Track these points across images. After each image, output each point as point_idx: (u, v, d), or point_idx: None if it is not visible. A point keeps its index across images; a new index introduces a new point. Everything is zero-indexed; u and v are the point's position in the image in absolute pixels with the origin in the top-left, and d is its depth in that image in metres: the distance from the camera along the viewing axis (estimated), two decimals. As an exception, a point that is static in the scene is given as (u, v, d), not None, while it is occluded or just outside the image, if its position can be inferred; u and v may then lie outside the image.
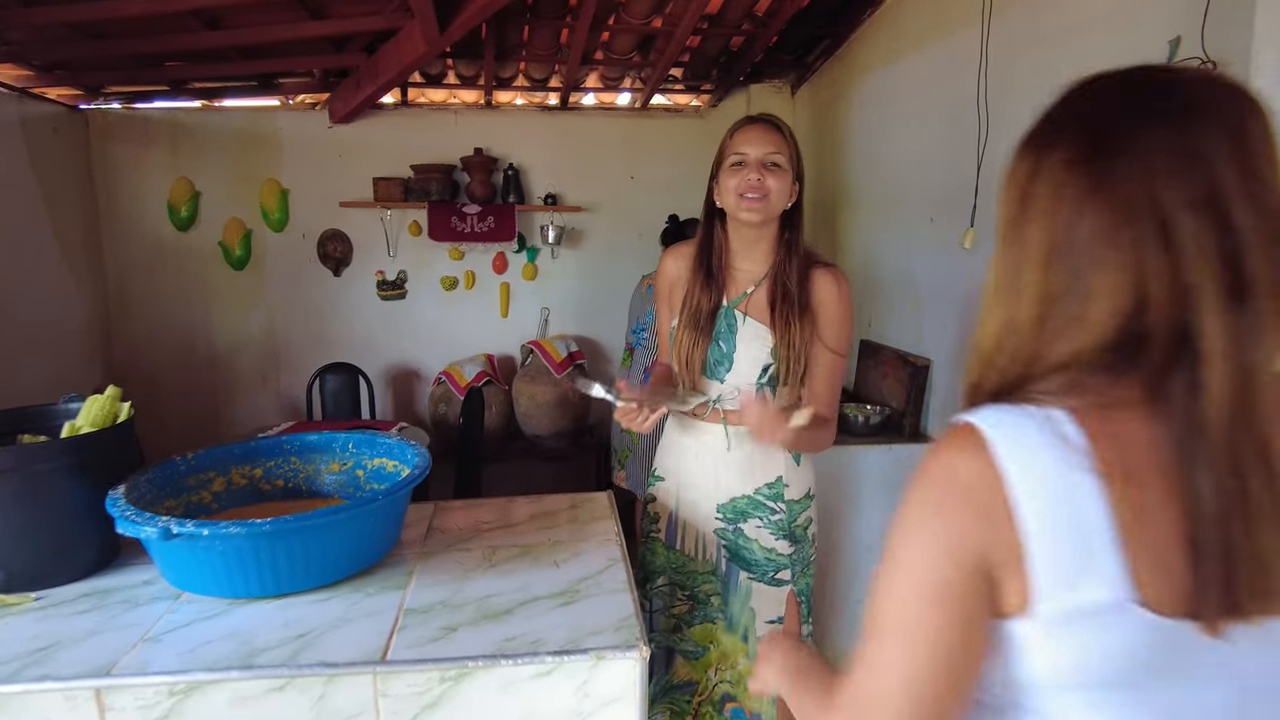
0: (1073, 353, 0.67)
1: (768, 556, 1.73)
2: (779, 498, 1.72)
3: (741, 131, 1.66)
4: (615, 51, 3.84)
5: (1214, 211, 0.62)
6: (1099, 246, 0.65)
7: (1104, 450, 0.64)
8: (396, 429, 3.47)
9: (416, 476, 1.45)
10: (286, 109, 4.26)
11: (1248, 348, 0.62)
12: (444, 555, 1.52)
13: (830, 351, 1.67)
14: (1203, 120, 0.64)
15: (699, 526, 1.77)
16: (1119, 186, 0.64)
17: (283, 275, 4.32)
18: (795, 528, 1.74)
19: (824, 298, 1.66)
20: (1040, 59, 2.25)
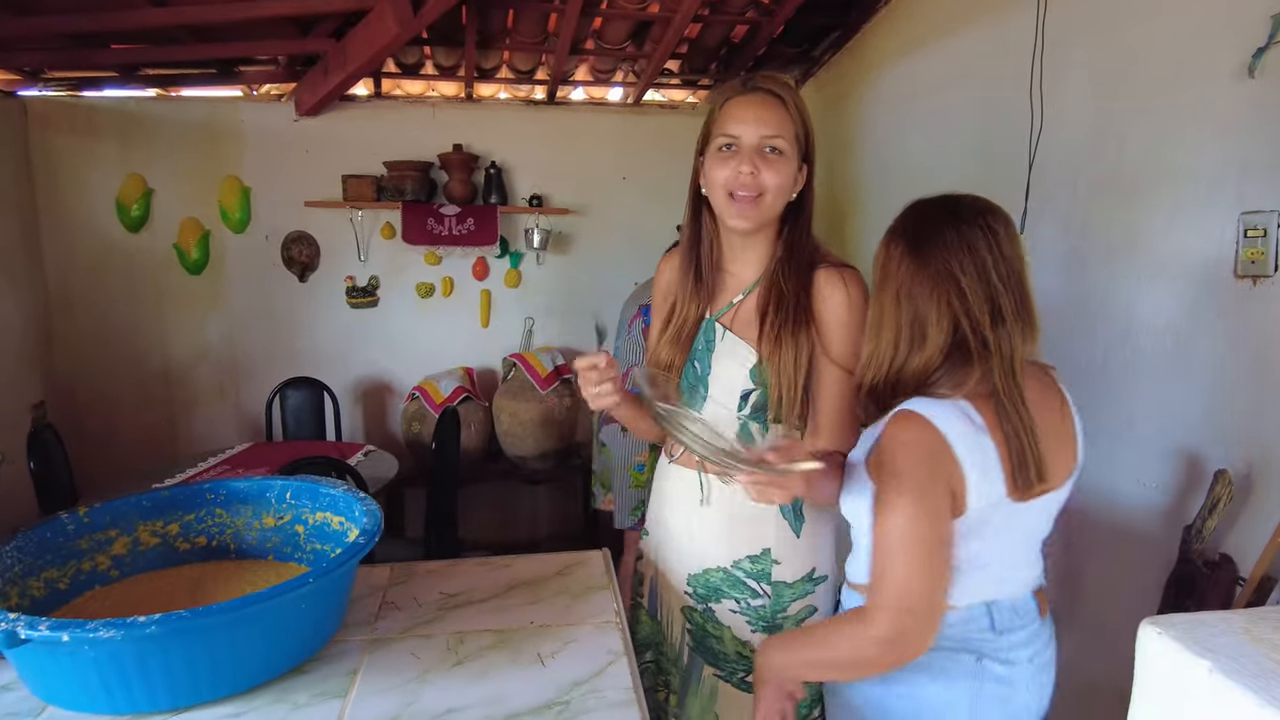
0: (924, 362, 1.12)
1: (739, 652, 1.34)
2: (764, 577, 1.34)
3: (733, 105, 1.27)
4: (607, 41, 3.53)
5: (982, 275, 1.11)
6: (926, 300, 1.12)
7: (987, 420, 1.09)
8: (363, 452, 3.14)
9: (359, 548, 1.13)
10: (250, 100, 3.92)
11: (1008, 346, 1.10)
12: (399, 643, 1.20)
13: (836, 366, 1.29)
14: (971, 223, 1.13)
15: (670, 600, 1.42)
16: (931, 265, 1.12)
17: (244, 280, 3.97)
18: (784, 619, 1.34)
19: (828, 304, 1.29)
20: (1101, 39, 1.96)
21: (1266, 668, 0.98)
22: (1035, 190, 2.17)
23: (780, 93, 1.28)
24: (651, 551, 1.49)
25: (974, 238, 1.11)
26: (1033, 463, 1.07)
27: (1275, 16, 1.53)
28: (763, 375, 1.29)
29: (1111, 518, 2.03)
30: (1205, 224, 1.73)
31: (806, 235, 1.34)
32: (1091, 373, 2.08)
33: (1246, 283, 1.65)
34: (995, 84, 2.34)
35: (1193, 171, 1.76)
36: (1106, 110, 1.99)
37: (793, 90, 1.29)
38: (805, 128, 1.30)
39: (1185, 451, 1.81)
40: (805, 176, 1.32)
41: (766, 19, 3.28)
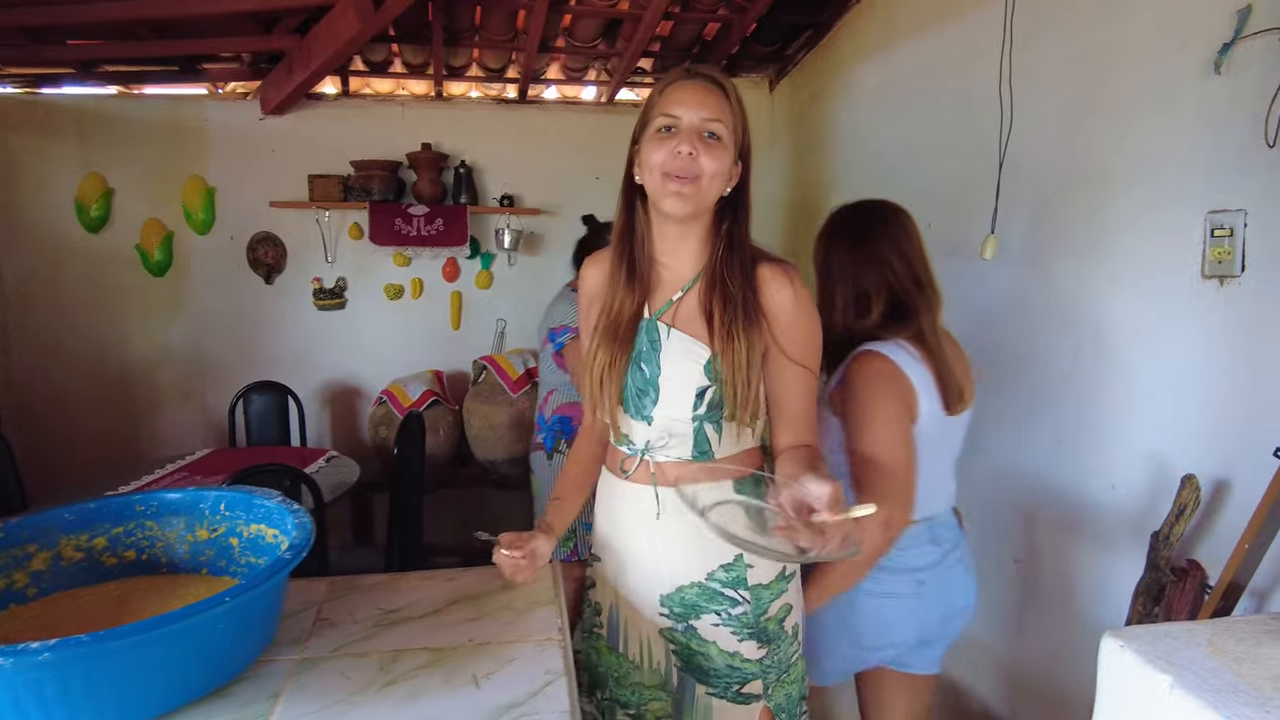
0: (869, 324, 1.52)
1: (730, 664, 1.30)
2: (741, 584, 1.29)
3: (674, 88, 1.22)
4: (578, 38, 3.48)
5: (904, 258, 1.53)
6: (866, 278, 1.53)
7: (922, 354, 1.48)
8: (324, 458, 3.07)
9: (282, 564, 1.07)
10: (214, 98, 3.83)
11: (928, 305, 1.52)
12: (328, 663, 1.14)
13: (798, 365, 1.26)
14: (894, 222, 1.57)
15: (642, 626, 1.35)
16: (869, 252, 1.54)
17: (208, 282, 3.88)
18: (766, 621, 1.31)
19: (777, 301, 1.25)
20: (1070, 36, 1.93)
21: (1228, 682, 0.94)
22: (1006, 188, 2.14)
23: (722, 82, 1.24)
24: (609, 578, 1.41)
25: (897, 232, 1.55)
26: (954, 386, 1.48)
27: (1240, 12, 1.49)
28: (717, 371, 1.24)
29: (1081, 522, 2.00)
30: (1173, 223, 1.70)
31: (746, 230, 1.30)
32: (1061, 373, 2.05)
33: (1214, 283, 1.62)
34: (966, 82, 2.31)
35: (1160, 170, 1.73)
36: (1076, 108, 1.96)
37: (733, 84, 1.26)
38: (743, 121, 1.26)
39: (1154, 455, 1.78)
40: (740, 171, 1.28)
41: (739, 16, 3.24)
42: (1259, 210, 1.51)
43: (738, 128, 1.24)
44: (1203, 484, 1.61)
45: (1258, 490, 1.45)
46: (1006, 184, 2.12)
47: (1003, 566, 2.29)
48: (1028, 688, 2.21)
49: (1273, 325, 1.49)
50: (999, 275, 2.23)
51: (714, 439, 1.27)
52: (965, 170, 2.31)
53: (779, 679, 1.32)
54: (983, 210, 2.15)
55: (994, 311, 2.28)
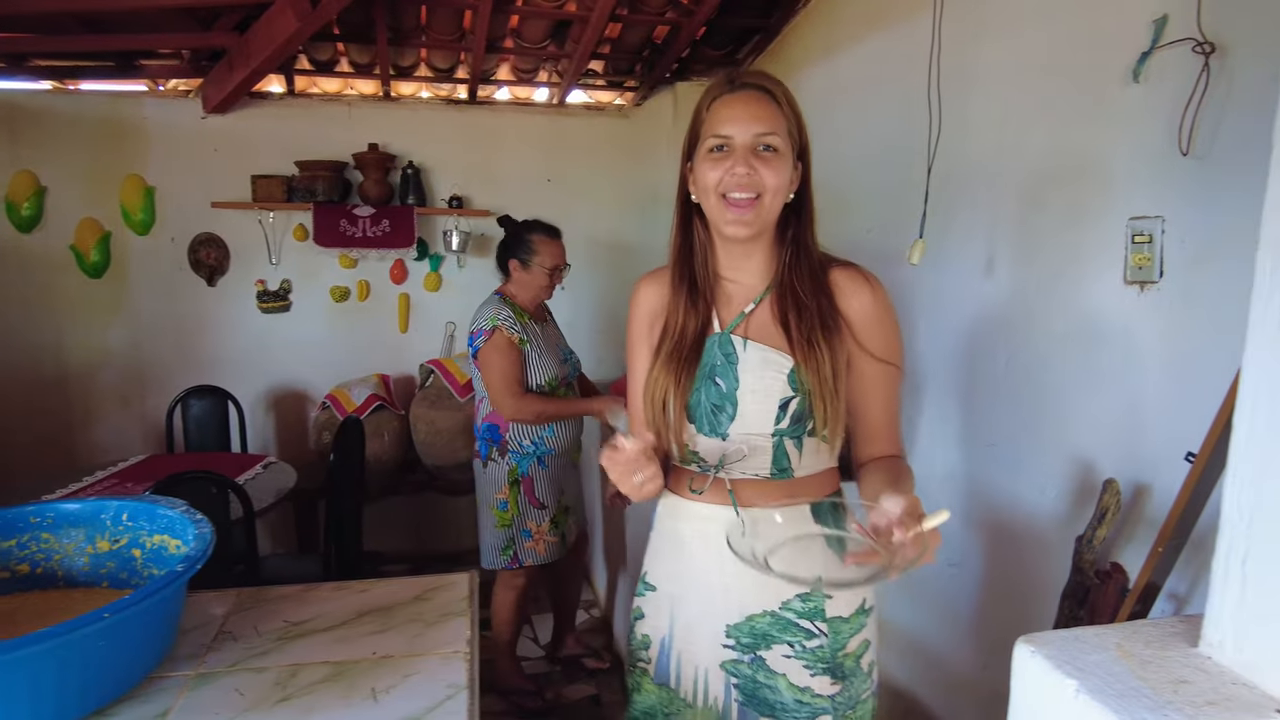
0: None
1: (799, 699, 1.21)
2: (818, 615, 1.21)
3: (720, 104, 1.17)
4: (527, 39, 3.45)
5: None
6: None
7: None
8: (262, 464, 3.00)
9: (172, 578, 1.02)
10: (155, 95, 3.74)
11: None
12: (224, 678, 1.10)
13: (880, 362, 1.21)
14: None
15: (700, 658, 1.27)
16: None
17: (148, 284, 3.78)
18: (844, 657, 1.22)
19: (855, 304, 1.21)
20: (998, 43, 1.95)
21: (1131, 686, 0.94)
22: (942, 193, 2.15)
23: (770, 87, 1.18)
24: (663, 608, 1.32)
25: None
26: None
27: (1156, 21, 1.51)
28: (802, 381, 1.18)
29: (1014, 526, 2.01)
30: (1097, 229, 1.72)
31: (811, 235, 1.25)
32: (995, 377, 2.06)
33: (1135, 289, 1.63)
34: (900, 87, 2.32)
35: (1085, 176, 1.75)
36: (1005, 114, 1.98)
37: (781, 84, 1.20)
38: (798, 122, 1.20)
39: (1080, 459, 1.80)
40: (800, 174, 1.22)
41: (687, 19, 3.23)
42: (1176, 217, 1.52)
43: (792, 131, 1.18)
44: (1125, 488, 1.63)
45: (1175, 494, 1.47)
46: (942, 189, 2.13)
47: (939, 570, 2.30)
48: (966, 690, 2.22)
49: (1188, 331, 1.51)
50: (931, 280, 2.25)
51: (794, 456, 1.21)
52: (899, 176, 2.32)
53: (843, 715, 1.24)
54: (914, 215, 2.16)
55: (928, 316, 2.30)
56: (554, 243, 2.68)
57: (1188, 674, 0.95)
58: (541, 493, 2.65)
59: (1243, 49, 1.37)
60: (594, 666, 3.05)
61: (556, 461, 2.68)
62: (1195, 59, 1.42)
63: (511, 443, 2.63)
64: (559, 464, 2.70)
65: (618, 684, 2.98)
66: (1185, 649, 1.00)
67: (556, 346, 2.72)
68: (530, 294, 2.65)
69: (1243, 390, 0.91)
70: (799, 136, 1.20)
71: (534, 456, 2.63)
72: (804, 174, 1.23)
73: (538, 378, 2.60)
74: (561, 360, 2.70)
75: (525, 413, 2.53)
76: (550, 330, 2.75)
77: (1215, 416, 1.34)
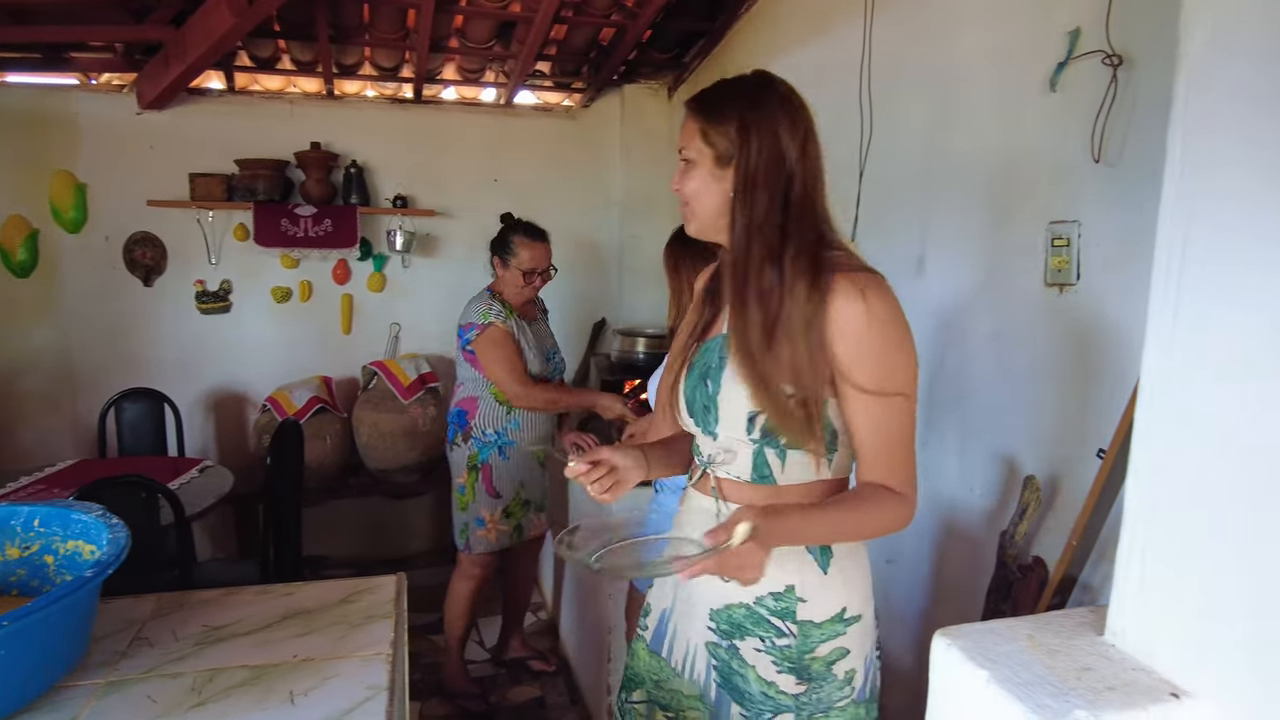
0: None
1: (765, 693, 1.24)
2: (789, 615, 1.22)
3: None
4: (471, 39, 3.43)
5: None
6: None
7: None
8: (198, 468, 2.93)
9: (79, 584, 1.00)
10: (87, 90, 3.63)
11: None
12: (137, 685, 1.07)
13: (863, 394, 1.13)
14: None
15: (691, 635, 1.31)
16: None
17: (80, 284, 3.67)
18: (810, 660, 1.23)
19: (839, 319, 1.13)
20: (926, 51, 2.00)
21: (1038, 675, 0.97)
22: (876, 196, 2.20)
23: (689, 104, 1.25)
24: (670, 583, 1.37)
25: None
26: None
27: (1071, 34, 1.57)
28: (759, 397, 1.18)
29: (946, 523, 2.06)
30: (1021, 232, 1.77)
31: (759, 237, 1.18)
32: (926, 376, 2.11)
33: (1054, 290, 1.69)
34: (836, 91, 2.36)
35: (1009, 181, 1.80)
36: (932, 120, 2.03)
37: (705, 97, 1.23)
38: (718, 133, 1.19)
39: (1005, 457, 1.85)
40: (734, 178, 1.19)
41: (631, 22, 3.24)
42: (1091, 222, 1.58)
43: (716, 141, 1.19)
44: (1045, 484, 1.68)
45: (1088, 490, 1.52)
46: (877, 192, 2.18)
47: (876, 566, 2.34)
48: (903, 686, 2.27)
49: (1101, 332, 1.57)
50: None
51: (775, 465, 1.20)
52: (833, 179, 2.36)
53: (811, 717, 1.25)
54: (848, 218, 2.20)
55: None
56: (534, 245, 2.69)
57: (1092, 661, 0.99)
58: (499, 482, 2.68)
59: (1147, 62, 1.43)
60: (540, 669, 3.05)
61: (519, 454, 2.72)
62: (1105, 70, 1.47)
63: (476, 430, 2.67)
64: (522, 457, 2.73)
65: (563, 686, 2.98)
66: (1092, 638, 1.04)
67: (542, 345, 2.76)
68: (512, 291, 2.68)
69: (1142, 389, 0.96)
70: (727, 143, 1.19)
71: (495, 446, 2.67)
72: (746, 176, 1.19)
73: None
74: (546, 359, 2.75)
75: (536, 400, 2.63)
76: (538, 329, 2.79)
77: (1122, 415, 1.40)
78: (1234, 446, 0.81)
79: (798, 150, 1.19)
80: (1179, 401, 0.88)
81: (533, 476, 2.80)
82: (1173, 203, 0.89)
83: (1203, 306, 0.84)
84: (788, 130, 1.19)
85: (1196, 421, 0.86)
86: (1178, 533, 0.89)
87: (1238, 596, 0.82)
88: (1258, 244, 0.78)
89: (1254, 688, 0.80)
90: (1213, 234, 0.83)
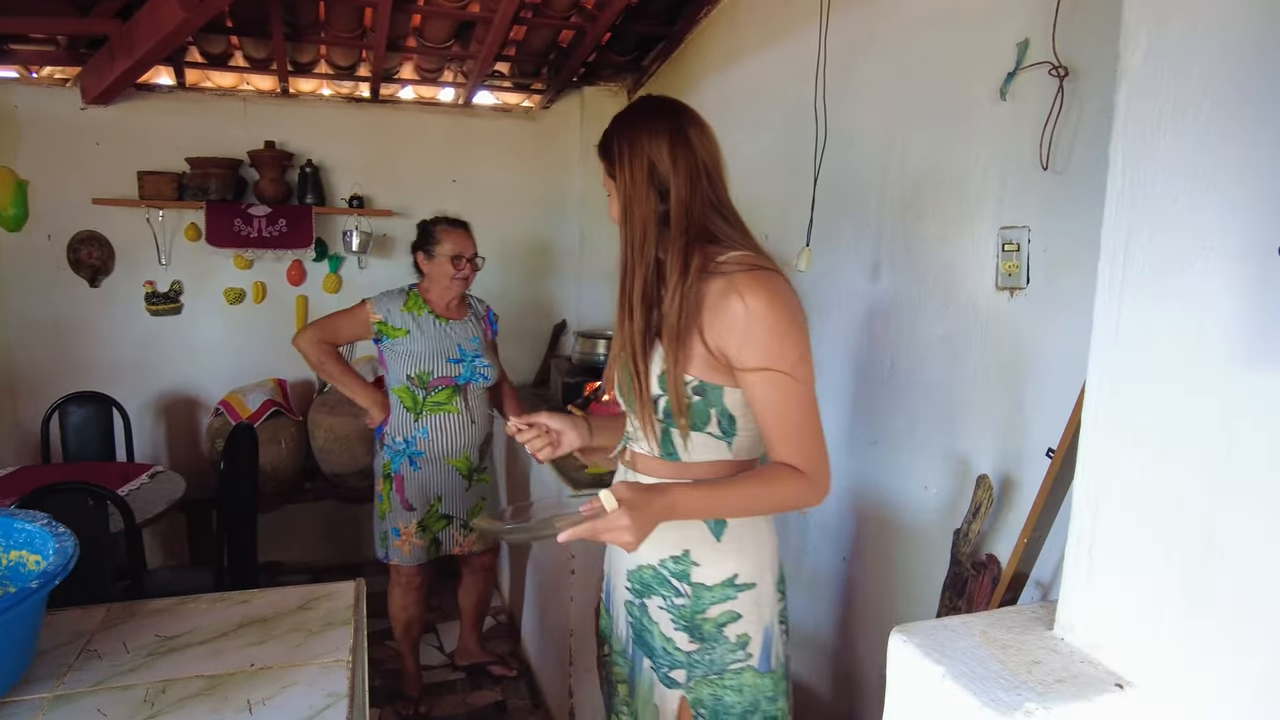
0: None
1: (664, 648, 1.37)
2: (684, 577, 1.34)
3: None
4: (429, 39, 3.40)
5: None
6: None
7: None
8: (148, 474, 2.86)
9: (24, 595, 0.97)
10: (27, 83, 3.52)
11: None
12: (86, 699, 1.05)
13: (752, 375, 1.24)
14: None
15: (617, 594, 1.47)
16: None
17: (20, 285, 3.56)
18: (702, 621, 1.34)
19: (723, 319, 1.24)
20: (881, 57, 2.03)
21: (992, 670, 1.00)
22: (832, 201, 2.23)
23: (603, 145, 1.34)
24: (610, 551, 1.53)
25: None
26: None
27: (1020, 44, 1.61)
28: (663, 382, 1.30)
29: (900, 520, 2.10)
30: (973, 237, 1.81)
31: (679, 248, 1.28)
32: (881, 378, 2.15)
33: (1005, 294, 1.73)
34: (792, 98, 2.39)
35: (962, 188, 1.84)
36: (885, 126, 2.06)
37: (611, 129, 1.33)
38: (611, 163, 1.31)
39: (958, 457, 1.89)
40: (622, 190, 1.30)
41: (591, 24, 3.24)
42: (1040, 228, 1.62)
43: (623, 171, 1.28)
44: (996, 482, 1.73)
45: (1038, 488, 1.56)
46: (834, 197, 2.21)
47: (833, 564, 2.38)
48: (860, 682, 2.30)
49: (1049, 334, 1.61)
50: (820, 286, 2.33)
51: (679, 443, 1.32)
52: (789, 185, 2.40)
53: (705, 676, 1.35)
54: (804, 224, 2.23)
55: (818, 321, 2.37)
56: (456, 231, 2.64)
57: (1042, 655, 1.02)
58: (411, 494, 2.60)
59: (1091, 74, 1.47)
60: (500, 674, 3.02)
61: (431, 465, 2.61)
62: (1052, 81, 1.51)
63: (388, 437, 2.61)
64: (435, 469, 2.62)
65: (524, 689, 2.96)
66: (1042, 632, 1.07)
67: (452, 347, 2.61)
68: (440, 287, 2.61)
69: (1088, 390, 0.99)
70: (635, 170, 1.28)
71: (405, 455, 2.59)
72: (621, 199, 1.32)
73: (407, 368, 2.55)
74: (450, 361, 2.60)
75: (307, 348, 2.57)
76: (455, 330, 2.65)
77: (1070, 414, 1.44)
78: (1174, 445, 0.85)
79: (669, 160, 1.27)
80: (1122, 401, 0.91)
81: (452, 490, 2.68)
82: (1115, 209, 0.92)
83: (1144, 308, 0.87)
84: (651, 139, 1.27)
85: (1139, 420, 0.89)
86: (1122, 530, 0.92)
87: (1177, 591, 0.85)
88: (1195, 246, 0.81)
89: (1191, 679, 0.84)
90: (1152, 237, 0.86)
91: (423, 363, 2.55)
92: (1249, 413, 0.78)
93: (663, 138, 1.27)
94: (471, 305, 2.77)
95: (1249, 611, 0.78)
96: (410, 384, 2.55)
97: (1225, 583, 0.81)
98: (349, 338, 2.64)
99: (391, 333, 2.55)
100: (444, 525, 2.68)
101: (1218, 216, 0.80)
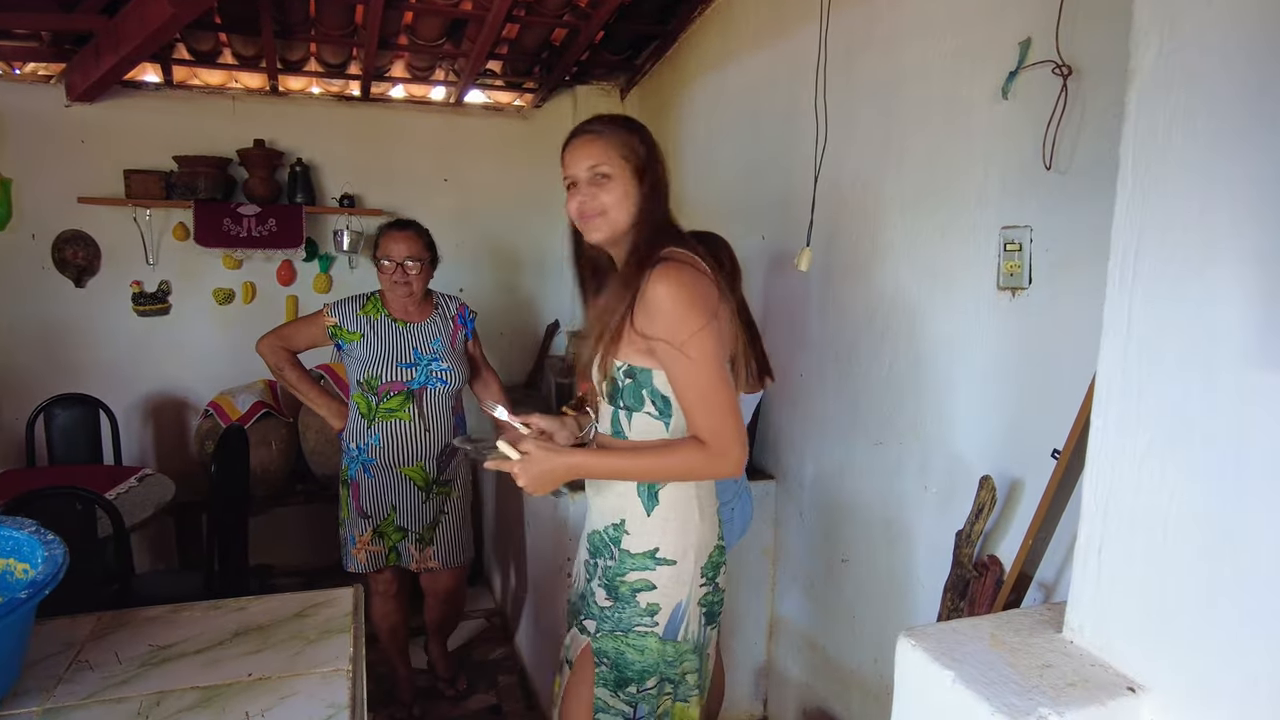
0: None
1: (589, 599, 1.55)
2: (616, 542, 1.51)
3: (566, 151, 1.49)
4: (421, 37, 3.37)
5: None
6: None
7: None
8: (136, 477, 2.82)
9: (13, 606, 0.95)
10: (10, 80, 3.47)
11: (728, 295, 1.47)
12: (76, 712, 1.02)
13: (660, 342, 1.36)
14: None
15: (580, 553, 1.65)
16: None
17: (5, 285, 3.50)
18: (620, 583, 1.49)
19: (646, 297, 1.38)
20: (881, 57, 2.02)
21: (1002, 674, 0.99)
22: (831, 201, 2.22)
23: (596, 129, 1.46)
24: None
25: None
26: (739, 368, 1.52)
27: (1022, 43, 1.60)
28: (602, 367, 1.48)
29: (901, 521, 2.09)
30: (974, 237, 1.80)
31: (641, 239, 1.44)
32: (879, 378, 2.14)
33: (1007, 294, 1.72)
34: (791, 97, 2.38)
35: (963, 187, 1.83)
36: (887, 126, 2.05)
37: (612, 122, 1.47)
38: (635, 149, 1.45)
39: (960, 457, 1.88)
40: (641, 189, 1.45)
41: (584, 23, 3.22)
42: (1042, 227, 1.62)
43: (628, 157, 1.43)
44: (1000, 484, 1.72)
45: (1043, 489, 1.55)
46: (832, 197, 2.19)
47: (831, 565, 2.37)
48: (859, 684, 2.29)
49: (1053, 334, 1.60)
50: (821, 286, 2.32)
51: (625, 423, 1.47)
52: (789, 184, 2.38)
53: (611, 632, 1.49)
54: (804, 223, 2.22)
55: (818, 321, 2.36)
56: (394, 234, 2.51)
57: (1052, 658, 1.01)
58: (365, 501, 2.51)
59: (1095, 73, 1.46)
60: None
61: (383, 474, 2.51)
62: (1055, 80, 1.51)
63: (344, 443, 2.54)
64: (387, 477, 2.51)
65: (520, 693, 2.94)
66: (1051, 635, 1.06)
67: (406, 350, 2.51)
68: (386, 288, 2.52)
69: (1097, 391, 0.98)
70: (637, 159, 1.45)
71: (359, 462, 2.50)
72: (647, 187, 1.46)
73: (357, 373, 2.47)
74: (402, 365, 2.48)
75: (266, 354, 2.57)
76: (413, 333, 2.54)
77: (1076, 415, 1.43)
78: (1186, 445, 0.84)
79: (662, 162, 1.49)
80: (1134, 400, 0.90)
81: (408, 501, 2.54)
82: (1125, 209, 0.92)
83: (1155, 308, 0.86)
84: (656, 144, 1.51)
85: (1150, 421, 0.88)
86: (1132, 530, 0.91)
87: (1190, 592, 0.84)
88: (1207, 247, 0.80)
89: (1205, 681, 0.83)
90: (1163, 238, 0.85)
91: (372, 367, 2.45)
92: (1261, 413, 0.77)
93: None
94: (439, 305, 2.64)
95: (1263, 612, 0.78)
96: (362, 389, 2.47)
97: (1238, 583, 0.80)
98: (306, 343, 2.57)
99: (346, 337, 2.49)
100: (400, 537, 2.56)
101: (1230, 217, 0.79)
